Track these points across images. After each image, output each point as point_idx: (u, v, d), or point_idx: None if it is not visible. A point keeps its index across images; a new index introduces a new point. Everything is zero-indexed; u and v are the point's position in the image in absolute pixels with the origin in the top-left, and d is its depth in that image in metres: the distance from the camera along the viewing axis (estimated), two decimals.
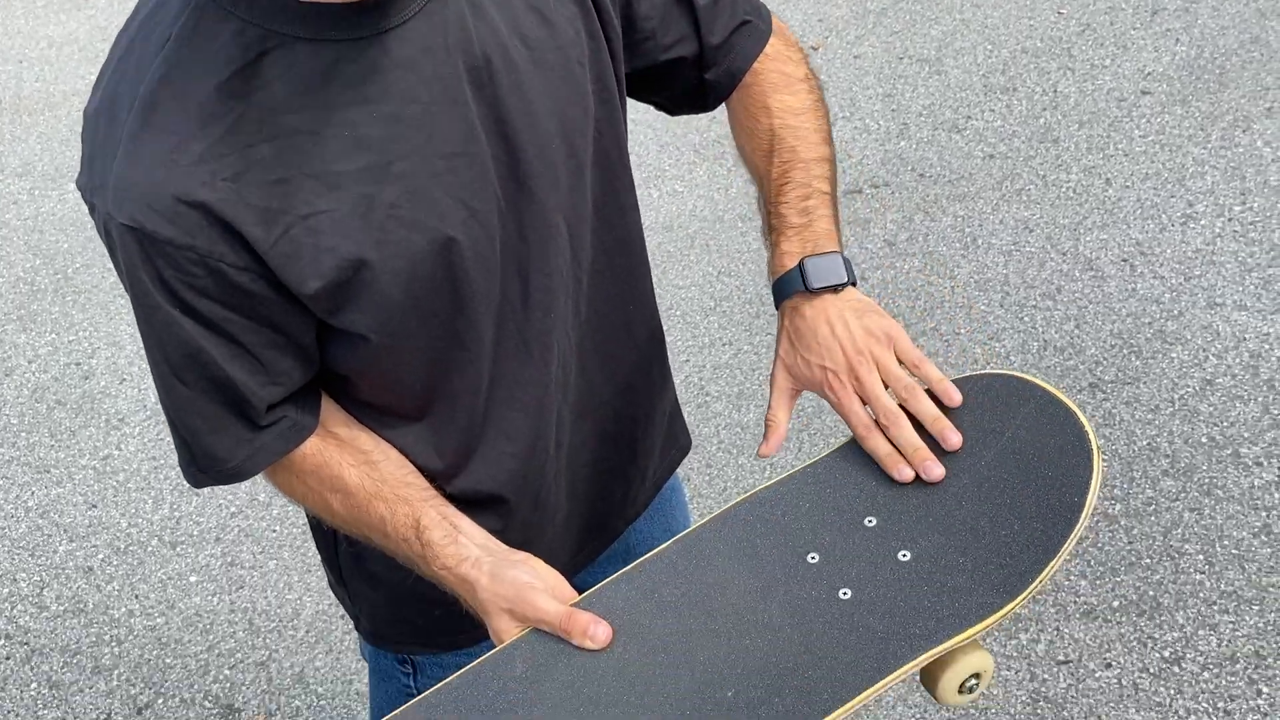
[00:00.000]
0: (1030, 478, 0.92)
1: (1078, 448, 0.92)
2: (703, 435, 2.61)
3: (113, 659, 2.34)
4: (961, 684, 0.87)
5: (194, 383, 0.91)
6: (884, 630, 0.86)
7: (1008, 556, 0.89)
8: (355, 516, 0.97)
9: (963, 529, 0.91)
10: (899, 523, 0.93)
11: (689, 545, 0.94)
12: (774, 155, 1.10)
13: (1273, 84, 3.42)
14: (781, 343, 1.07)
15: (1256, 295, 2.74)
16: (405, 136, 0.85)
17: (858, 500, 0.95)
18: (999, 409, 0.97)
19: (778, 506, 0.96)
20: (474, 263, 0.91)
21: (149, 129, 0.81)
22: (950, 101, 3.59)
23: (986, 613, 0.86)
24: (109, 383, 3.07)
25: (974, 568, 0.89)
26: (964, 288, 2.90)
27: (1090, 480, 0.90)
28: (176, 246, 0.82)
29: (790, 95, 1.11)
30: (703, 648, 0.87)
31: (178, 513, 2.65)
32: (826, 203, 1.08)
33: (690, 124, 3.61)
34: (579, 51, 0.95)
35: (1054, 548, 0.88)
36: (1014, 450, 0.94)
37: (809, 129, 1.10)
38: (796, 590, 0.90)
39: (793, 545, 0.93)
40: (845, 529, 0.93)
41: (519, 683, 0.87)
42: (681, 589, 0.91)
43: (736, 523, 0.95)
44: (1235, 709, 1.94)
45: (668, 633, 0.89)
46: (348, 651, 2.28)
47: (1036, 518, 0.90)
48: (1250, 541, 2.20)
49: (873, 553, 0.91)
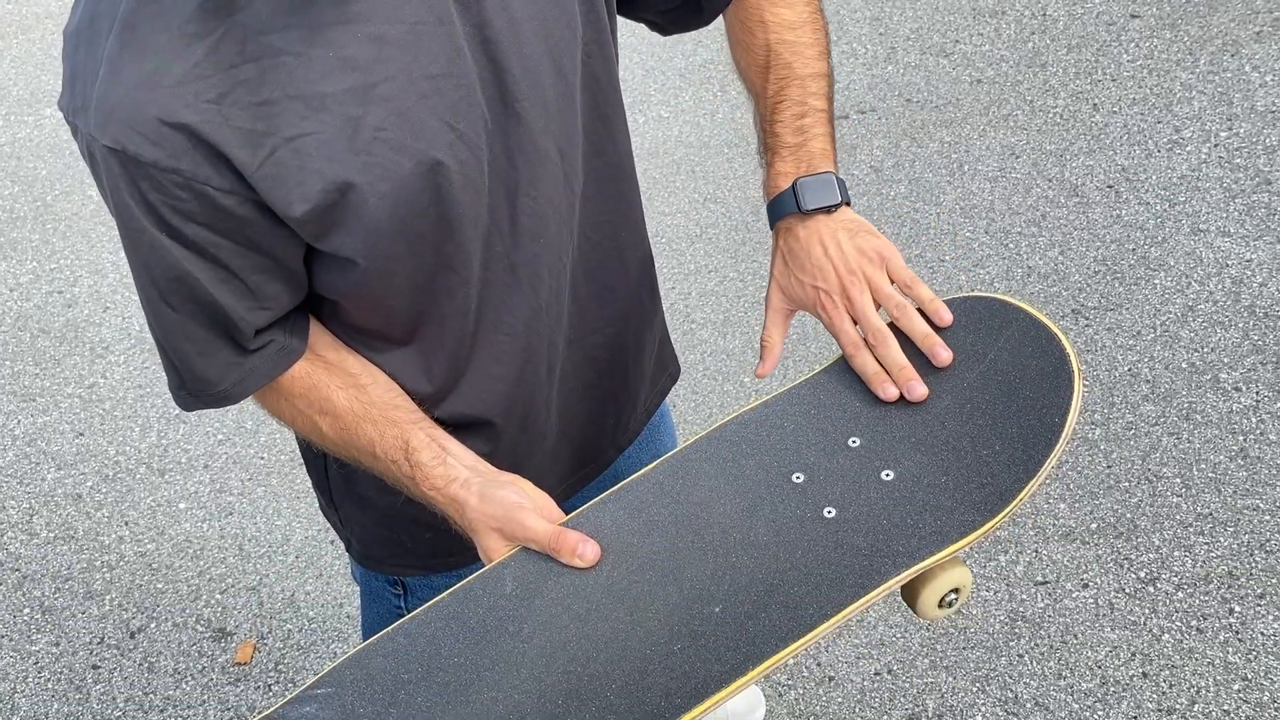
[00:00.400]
0: (1012, 399, 0.93)
1: (1059, 370, 0.93)
2: (689, 362, 2.62)
3: (104, 584, 2.36)
4: (941, 598, 0.89)
5: (181, 306, 0.91)
6: (868, 547, 0.88)
7: (989, 476, 0.90)
8: (344, 439, 0.98)
9: (945, 449, 0.93)
10: (882, 443, 0.95)
11: (676, 465, 0.96)
12: (770, 71, 1.09)
13: (1262, 7, 3.39)
14: (776, 263, 1.07)
15: (1240, 221, 2.75)
16: (390, 57, 0.84)
17: (842, 421, 0.97)
18: (982, 331, 0.98)
19: (763, 427, 0.97)
20: (461, 186, 0.91)
21: (129, 50, 0.80)
22: (938, 25, 3.55)
23: (967, 530, 0.88)
24: (92, 310, 3.05)
25: (955, 487, 0.91)
26: (949, 214, 2.90)
27: (1071, 402, 0.91)
28: (161, 169, 0.81)
29: (786, 8, 1.10)
30: (690, 565, 0.89)
31: (165, 440, 2.66)
32: (822, 120, 1.08)
33: (676, 49, 3.57)
34: None
35: (1034, 468, 0.89)
36: (996, 372, 0.95)
37: (805, 43, 1.09)
38: (782, 509, 0.92)
39: (778, 465, 0.95)
40: (830, 449, 0.95)
41: (509, 600, 0.88)
42: (669, 508, 0.93)
43: (722, 443, 0.97)
44: (1208, 627, 1.99)
45: (655, 551, 0.90)
46: (338, 576, 2.31)
47: (1017, 438, 0.91)
48: (1227, 465, 2.23)
49: (857, 472, 0.93)
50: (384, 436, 0.96)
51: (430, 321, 0.98)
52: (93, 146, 0.83)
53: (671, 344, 1.29)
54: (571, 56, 0.95)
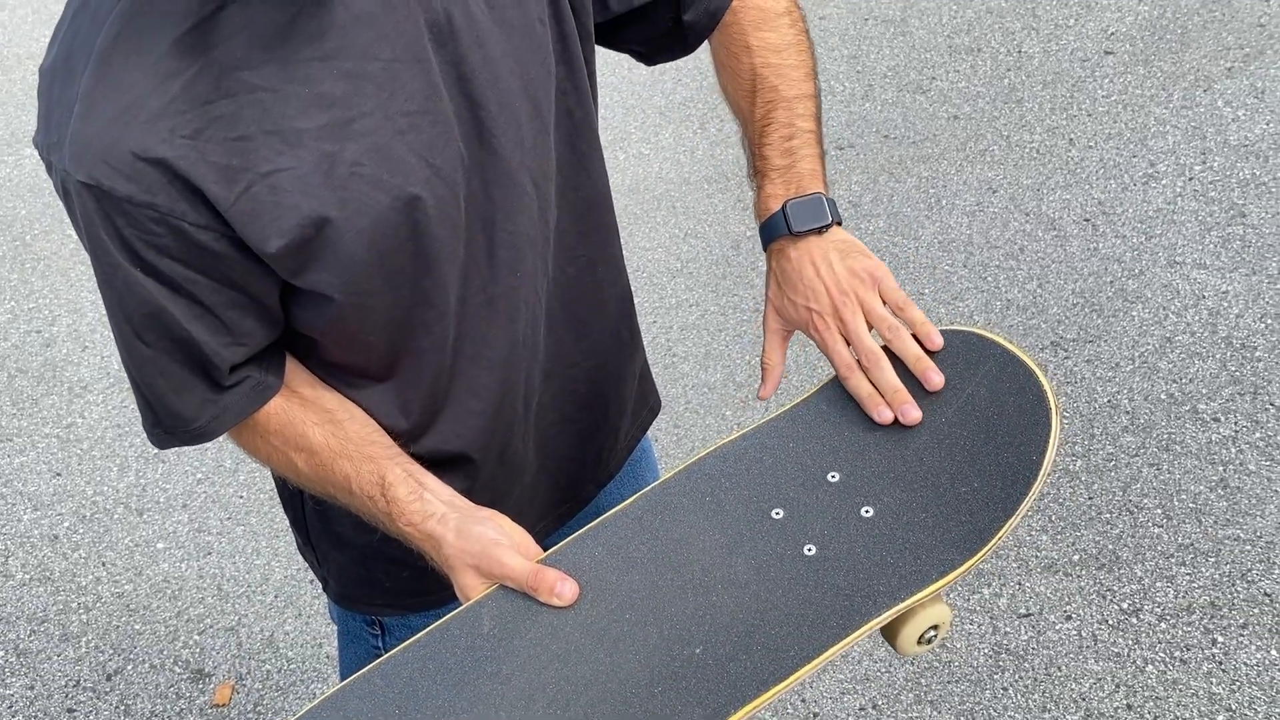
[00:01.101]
0: (991, 435, 0.93)
1: (1037, 406, 0.93)
2: (670, 396, 2.62)
3: (80, 626, 2.33)
4: (921, 635, 0.89)
5: (156, 343, 0.91)
6: (848, 587, 0.88)
7: (968, 514, 0.90)
8: (320, 475, 0.97)
9: (924, 485, 0.92)
10: (861, 478, 0.94)
11: (655, 500, 0.95)
12: (756, 95, 1.09)
13: (1233, 44, 3.45)
14: (770, 286, 1.07)
15: (1216, 254, 2.77)
16: (367, 93, 0.85)
17: (821, 455, 0.96)
18: (960, 366, 0.98)
19: (742, 461, 0.97)
20: (438, 220, 0.91)
21: (105, 85, 0.80)
22: (915, 63, 3.59)
23: (947, 569, 0.87)
24: (71, 350, 3.04)
25: (935, 524, 0.90)
26: (928, 248, 2.92)
27: (1049, 439, 0.91)
28: (136, 204, 0.81)
29: (771, 32, 1.10)
30: (670, 604, 0.88)
31: (143, 480, 2.64)
32: (811, 141, 1.08)
33: (655, 87, 3.60)
34: (540, 9, 0.95)
35: (1013, 506, 0.89)
36: (975, 407, 0.95)
37: (791, 65, 1.10)
38: (762, 546, 0.91)
39: (758, 500, 0.94)
40: (809, 484, 0.94)
41: (487, 640, 0.87)
42: (648, 545, 0.92)
43: (702, 477, 0.96)
44: (1191, 658, 1.99)
45: (635, 589, 0.89)
46: (317, 615, 2.29)
47: (996, 475, 0.91)
48: (1207, 495, 2.24)
49: (836, 509, 0.93)
50: (360, 472, 0.95)
51: (407, 356, 0.98)
52: (67, 182, 0.83)
53: (652, 378, 1.29)
54: (546, 93, 0.96)
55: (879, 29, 3.77)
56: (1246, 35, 3.47)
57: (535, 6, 0.94)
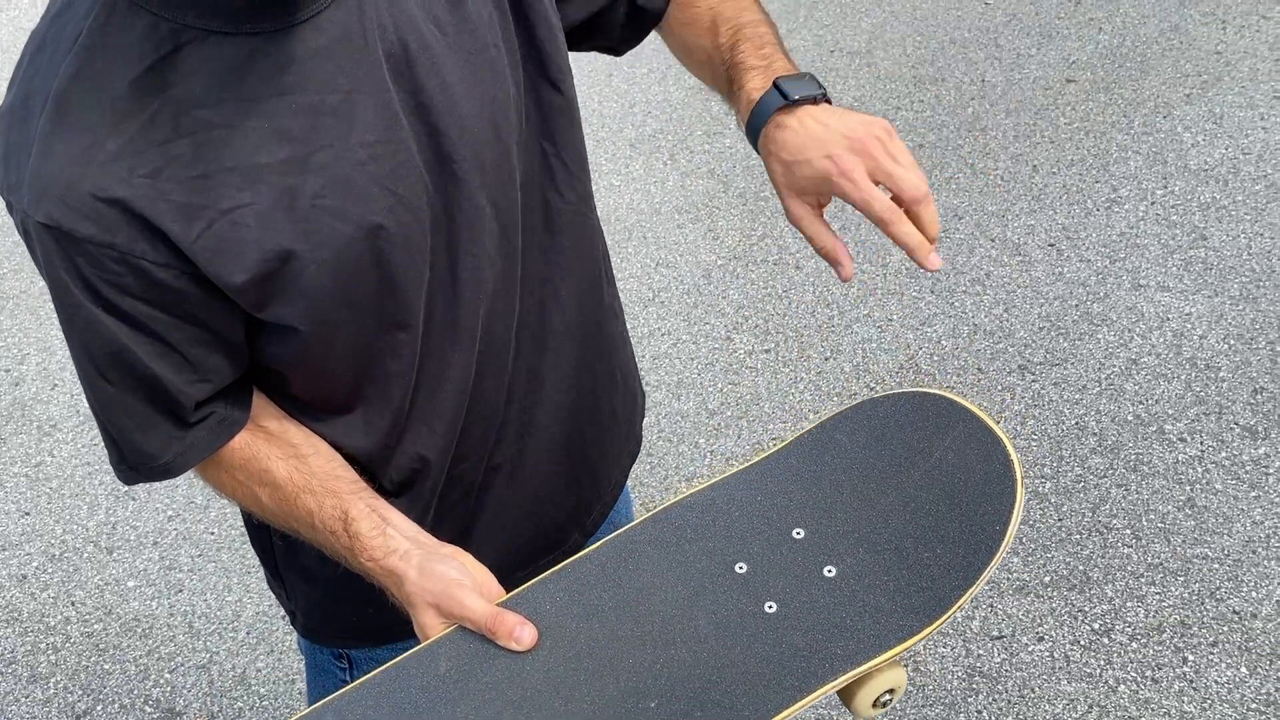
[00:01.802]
0: (955, 502, 0.93)
1: (1003, 477, 0.93)
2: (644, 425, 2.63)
3: (49, 667, 2.31)
4: (876, 698, 0.89)
5: (120, 381, 0.91)
6: (807, 648, 0.88)
7: (928, 580, 0.90)
8: (284, 510, 0.97)
9: (887, 548, 0.93)
10: (826, 536, 0.94)
11: (620, 547, 0.95)
12: (718, 28, 1.08)
13: (1191, 71, 3.51)
14: (775, 169, 1.01)
15: (1179, 276, 2.82)
16: (326, 126, 0.86)
17: (788, 510, 0.96)
18: (929, 429, 0.97)
19: (709, 512, 0.96)
20: (402, 247, 0.91)
21: (62, 126, 0.80)
22: (880, 93, 3.64)
23: (905, 635, 0.88)
24: (40, 388, 3.02)
25: (896, 589, 0.90)
26: (896, 274, 2.95)
27: (1012, 512, 0.91)
28: (96, 244, 0.82)
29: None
30: (628, 655, 0.88)
31: (114, 518, 2.62)
32: (781, 53, 1.06)
33: (625, 119, 3.62)
34: (494, 34, 0.96)
35: (973, 575, 0.90)
36: (941, 472, 0.95)
37: (745, 6, 1.10)
38: (723, 600, 0.91)
39: (722, 554, 0.94)
40: (774, 540, 0.94)
41: (442, 681, 0.87)
42: (610, 592, 0.92)
43: (668, 526, 0.96)
44: (1163, 677, 2.00)
45: (594, 638, 0.89)
46: (289, 651, 2.27)
47: (958, 543, 0.91)
48: (1175, 515, 2.26)
49: (799, 567, 0.93)
50: (323, 507, 0.96)
51: (374, 382, 0.98)
52: (27, 223, 0.83)
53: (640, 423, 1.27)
54: (506, 115, 0.97)
55: (844, 60, 3.82)
56: (1204, 63, 3.54)
57: (488, 32, 0.95)
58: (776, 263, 3.06)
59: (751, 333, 2.86)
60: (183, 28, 0.81)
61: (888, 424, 0.98)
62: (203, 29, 0.82)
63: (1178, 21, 3.74)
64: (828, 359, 2.75)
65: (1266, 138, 3.22)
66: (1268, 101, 3.35)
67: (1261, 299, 2.72)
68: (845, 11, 4.07)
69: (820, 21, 4.03)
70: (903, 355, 2.72)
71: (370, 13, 0.87)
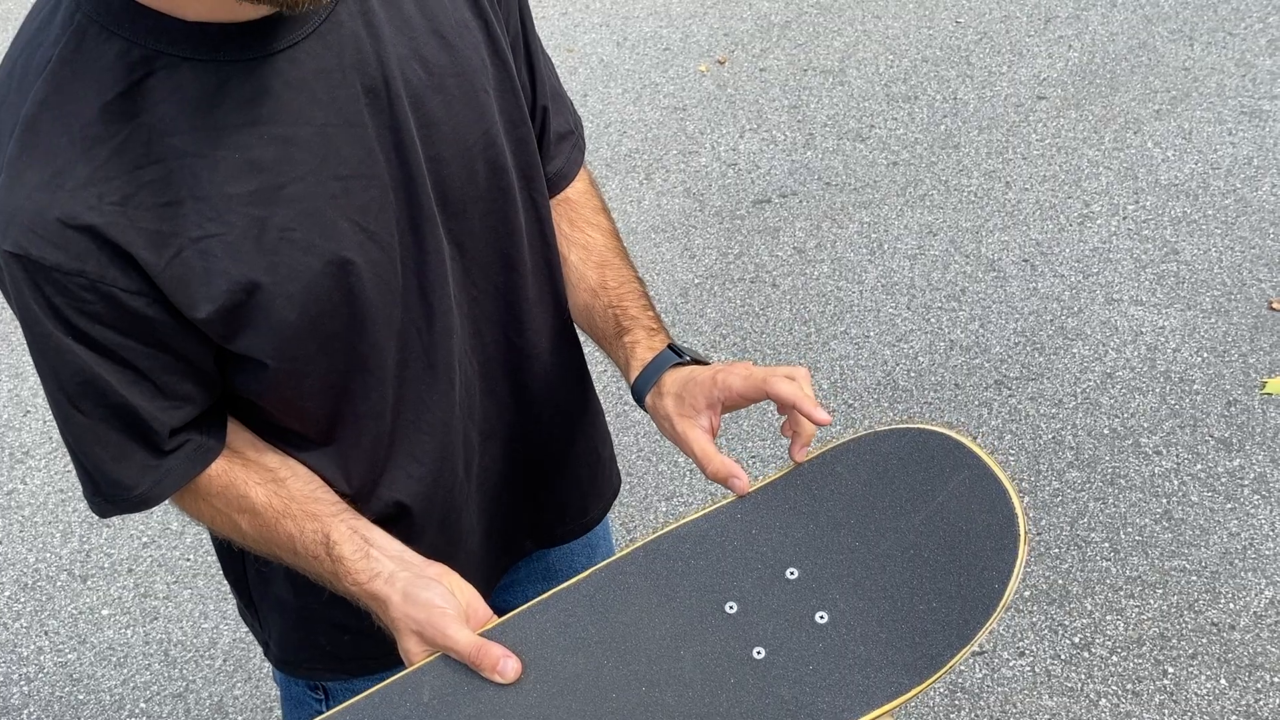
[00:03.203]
0: (955, 553, 0.90)
1: (1006, 530, 0.90)
2: (622, 444, 2.63)
3: (22, 698, 2.27)
4: None
5: (91, 411, 0.89)
6: (793, 701, 0.86)
7: (921, 635, 0.88)
8: (264, 536, 0.96)
9: (882, 596, 0.90)
10: (820, 579, 0.92)
11: (608, 579, 0.93)
12: (606, 270, 1.12)
13: (1160, 87, 3.55)
14: (667, 403, 1.02)
15: (1151, 290, 2.84)
16: (298, 159, 0.85)
17: (783, 547, 0.93)
18: (934, 470, 0.94)
19: (701, 544, 0.94)
20: (372, 284, 0.91)
21: (31, 153, 0.79)
22: (854, 111, 3.66)
23: (894, 694, 0.86)
24: (12, 415, 2.98)
25: (888, 642, 0.88)
26: (872, 292, 2.96)
27: (1014, 569, 0.88)
28: (65, 272, 0.81)
29: (606, 220, 1.16)
30: (611, 694, 0.87)
31: (87, 545, 2.58)
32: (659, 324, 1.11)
33: (601, 139, 3.63)
34: (484, 79, 0.95)
35: (968, 634, 0.87)
36: (943, 519, 0.92)
37: (625, 263, 1.14)
38: (711, 642, 0.89)
39: (712, 591, 0.91)
40: (767, 579, 0.92)
41: (425, 710, 0.86)
42: (596, 626, 0.90)
43: (658, 557, 0.94)
44: (1143, 690, 2.01)
45: (578, 674, 0.88)
46: (267, 679, 2.25)
47: (956, 598, 0.88)
48: (1153, 528, 2.27)
49: (790, 610, 0.90)
50: (304, 532, 0.94)
51: (346, 422, 0.97)
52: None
53: (615, 461, 1.26)
54: (485, 160, 0.97)
55: (818, 79, 3.84)
56: (1173, 79, 3.58)
57: (479, 76, 0.95)
58: (754, 280, 3.06)
59: (729, 350, 2.86)
60: (155, 54, 0.81)
61: (891, 461, 0.95)
62: (176, 55, 0.81)
63: (1146, 39, 3.78)
64: None
65: (1235, 152, 3.26)
66: (1235, 116, 3.40)
67: (1233, 312, 2.75)
68: (818, 30, 4.10)
69: (793, 40, 4.05)
70: (880, 372, 2.72)
71: (351, 47, 0.87)
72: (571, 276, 1.13)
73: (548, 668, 0.88)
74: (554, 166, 1.11)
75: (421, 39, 0.91)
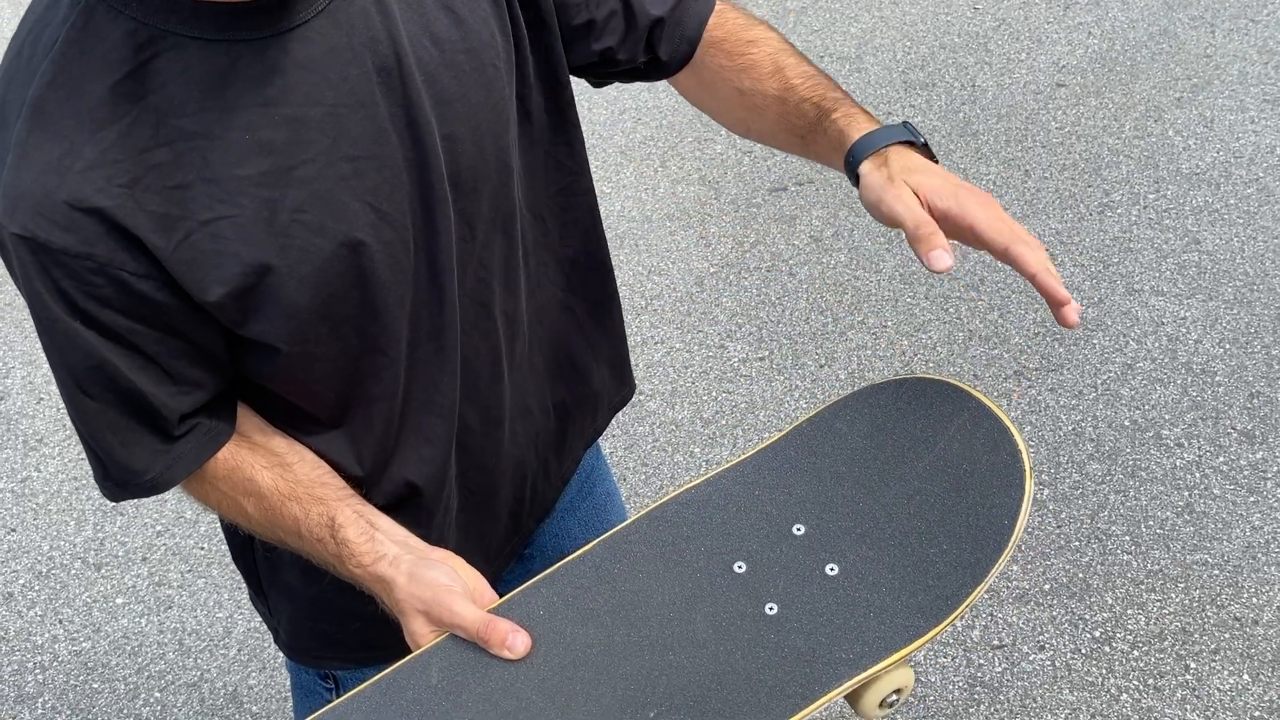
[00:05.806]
0: (962, 494, 0.90)
1: (1011, 467, 0.89)
2: (637, 434, 2.61)
3: (37, 687, 2.27)
4: (883, 699, 0.87)
5: (101, 395, 0.89)
6: (809, 652, 0.85)
7: (935, 577, 0.87)
8: (269, 519, 0.95)
9: (891, 544, 0.89)
10: (828, 532, 0.91)
11: (614, 547, 0.92)
12: (785, 73, 1.04)
13: (1181, 75, 3.50)
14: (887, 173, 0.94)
15: (1172, 280, 2.80)
16: (309, 139, 0.83)
17: (787, 505, 0.93)
18: (934, 416, 0.94)
19: (705, 508, 0.93)
20: (385, 265, 0.89)
21: (38, 134, 0.78)
22: (871, 98, 3.63)
23: (912, 636, 0.85)
24: (25, 402, 2.98)
25: (901, 586, 0.87)
26: (890, 281, 2.94)
27: (1021, 505, 0.88)
28: (73, 255, 0.80)
29: (764, 30, 1.08)
30: (625, 661, 0.85)
31: (101, 533, 2.58)
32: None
33: (615, 126, 3.61)
34: (493, 54, 0.94)
35: (981, 573, 0.86)
36: (947, 462, 0.92)
37: (806, 61, 1.07)
38: (723, 602, 0.88)
39: (720, 552, 0.91)
40: (773, 537, 0.91)
41: (434, 693, 0.84)
42: (605, 596, 0.89)
43: (663, 523, 0.93)
44: (1165, 685, 1.98)
45: (589, 644, 0.86)
46: (282, 668, 2.24)
47: (966, 538, 0.88)
48: (1174, 521, 2.25)
49: (800, 564, 0.89)
50: (309, 514, 0.93)
51: (358, 404, 0.96)
52: (2, 234, 0.81)
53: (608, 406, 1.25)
54: (499, 136, 0.95)
55: (835, 66, 3.81)
56: (1194, 66, 3.54)
57: (489, 51, 0.93)
58: (770, 270, 3.04)
59: (745, 340, 2.84)
60: (163, 33, 0.79)
61: (889, 412, 0.95)
62: (184, 35, 0.79)
63: (1167, 25, 3.73)
64: (822, 366, 2.73)
65: (1257, 141, 3.22)
66: (1258, 104, 3.35)
67: (1256, 302, 2.71)
68: (834, 17, 4.06)
69: (810, 27, 4.02)
70: (898, 362, 2.70)
71: (362, 25, 0.85)
72: (757, 103, 1.06)
73: (557, 640, 0.86)
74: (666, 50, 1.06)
75: (431, 14, 0.90)
